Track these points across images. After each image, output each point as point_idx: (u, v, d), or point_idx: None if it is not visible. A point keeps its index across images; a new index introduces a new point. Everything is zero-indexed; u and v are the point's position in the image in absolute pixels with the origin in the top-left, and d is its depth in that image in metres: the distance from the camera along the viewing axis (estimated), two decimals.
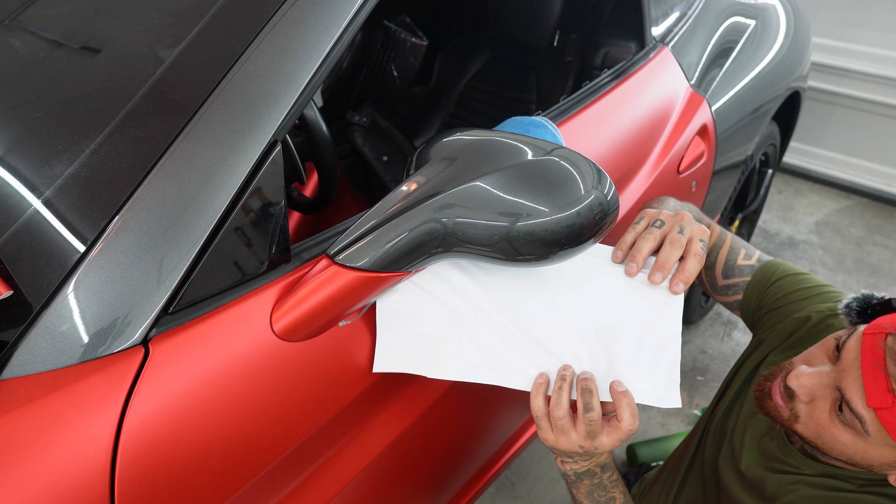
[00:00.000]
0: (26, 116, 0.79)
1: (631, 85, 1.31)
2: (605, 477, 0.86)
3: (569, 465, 0.85)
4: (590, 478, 0.85)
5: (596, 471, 0.85)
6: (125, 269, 0.63)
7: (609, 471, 0.86)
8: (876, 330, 0.70)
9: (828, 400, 0.74)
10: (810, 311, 0.94)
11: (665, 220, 0.83)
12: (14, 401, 0.57)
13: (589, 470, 0.85)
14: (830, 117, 2.94)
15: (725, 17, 1.67)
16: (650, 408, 1.94)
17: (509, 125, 0.93)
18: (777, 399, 0.80)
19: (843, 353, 0.73)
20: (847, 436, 0.73)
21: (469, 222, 0.67)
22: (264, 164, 0.69)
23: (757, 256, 1.05)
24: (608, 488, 0.86)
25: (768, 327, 1.00)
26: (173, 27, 0.80)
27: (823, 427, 0.75)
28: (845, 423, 0.72)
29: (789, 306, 0.98)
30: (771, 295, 1.00)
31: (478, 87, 1.89)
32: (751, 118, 1.70)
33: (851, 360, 0.71)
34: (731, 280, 1.05)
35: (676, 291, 0.79)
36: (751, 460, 0.91)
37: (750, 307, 1.04)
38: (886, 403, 0.66)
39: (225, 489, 0.68)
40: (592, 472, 0.85)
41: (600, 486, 0.86)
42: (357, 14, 0.77)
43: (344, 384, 0.79)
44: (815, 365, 0.77)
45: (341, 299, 0.70)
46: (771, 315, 1.00)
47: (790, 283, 0.99)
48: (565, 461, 0.84)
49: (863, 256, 2.59)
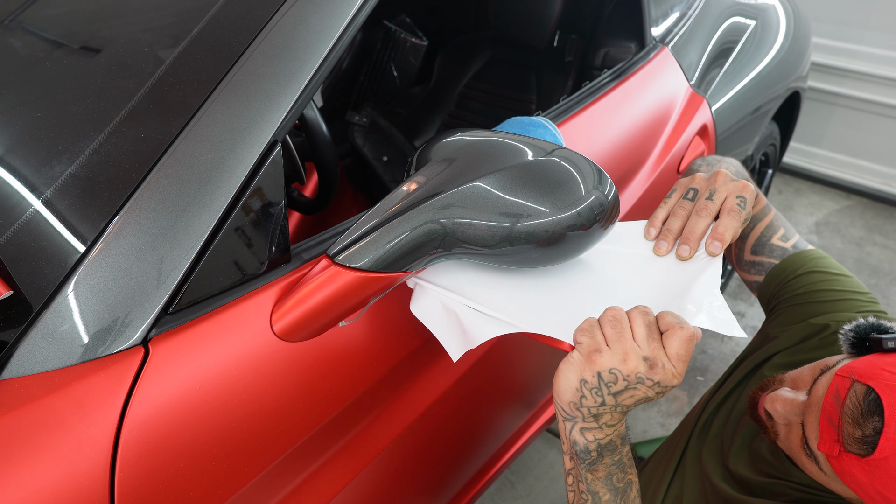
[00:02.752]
0: (26, 116, 0.79)
1: (631, 85, 1.31)
2: (625, 453, 0.73)
3: (591, 434, 0.69)
4: (611, 453, 0.71)
5: (617, 443, 0.71)
6: (125, 269, 0.63)
7: (627, 445, 0.74)
8: (845, 373, 0.68)
9: (800, 428, 0.73)
10: (829, 319, 0.88)
11: (698, 187, 0.80)
12: (14, 401, 0.57)
13: (611, 442, 0.70)
14: (830, 117, 2.94)
15: (725, 18, 1.67)
16: (650, 407, 1.94)
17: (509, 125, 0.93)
18: (762, 413, 0.79)
19: (814, 388, 0.71)
20: (812, 467, 0.72)
21: (469, 223, 0.67)
22: (264, 164, 0.69)
23: (794, 241, 0.97)
24: (626, 468, 0.73)
25: (781, 325, 0.94)
26: (173, 27, 0.80)
27: (795, 452, 0.75)
28: (808, 455, 0.72)
29: (808, 307, 0.91)
30: (791, 288, 0.94)
31: (478, 87, 1.89)
32: (751, 118, 1.70)
33: (818, 399, 0.70)
34: (759, 258, 0.98)
35: (713, 252, 0.75)
36: (739, 459, 0.90)
37: (767, 293, 0.98)
38: (833, 452, 0.65)
39: (225, 489, 0.68)
40: (614, 446, 0.71)
41: (620, 466, 0.72)
42: (357, 14, 0.77)
43: (344, 384, 0.79)
44: (799, 389, 0.76)
45: (341, 299, 0.70)
46: (786, 312, 0.94)
47: (817, 281, 0.92)
48: (586, 427, 0.68)
49: (863, 256, 2.59)
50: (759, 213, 0.98)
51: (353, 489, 0.85)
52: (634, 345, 0.63)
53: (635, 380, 0.63)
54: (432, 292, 0.77)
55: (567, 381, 0.65)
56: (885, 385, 0.63)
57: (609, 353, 0.63)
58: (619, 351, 0.63)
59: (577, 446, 0.69)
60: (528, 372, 1.24)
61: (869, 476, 0.62)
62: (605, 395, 0.64)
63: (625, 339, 0.63)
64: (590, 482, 0.72)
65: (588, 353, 0.64)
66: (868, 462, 0.62)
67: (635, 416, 1.92)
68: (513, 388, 1.23)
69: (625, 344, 0.63)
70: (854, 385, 0.65)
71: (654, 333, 0.64)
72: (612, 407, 0.66)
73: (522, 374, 1.23)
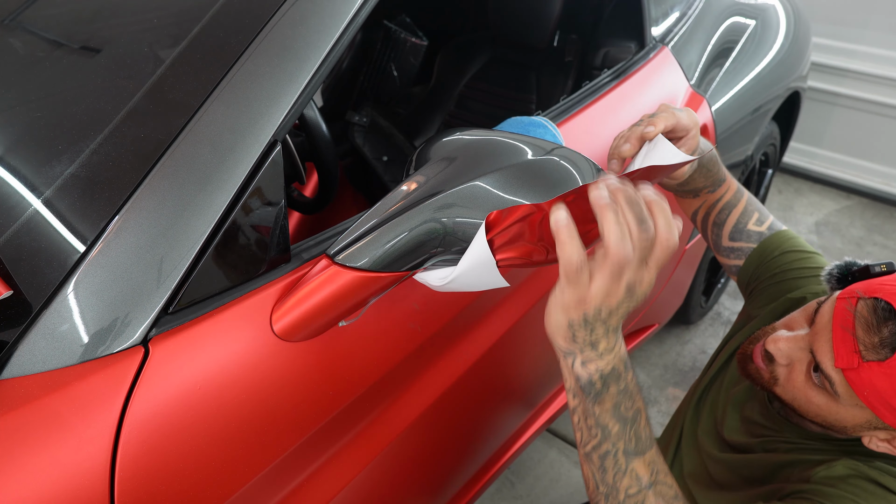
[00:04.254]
0: (26, 116, 0.79)
1: (631, 85, 1.31)
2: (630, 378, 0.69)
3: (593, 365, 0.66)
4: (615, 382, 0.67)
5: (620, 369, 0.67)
6: (125, 269, 0.63)
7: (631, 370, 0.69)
8: (848, 294, 0.72)
9: (804, 363, 0.76)
10: (806, 292, 0.94)
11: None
12: (14, 401, 0.57)
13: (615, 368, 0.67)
14: (830, 117, 2.94)
15: (725, 17, 1.67)
16: (650, 407, 1.94)
17: (509, 125, 0.93)
18: (758, 361, 0.82)
19: (818, 316, 0.75)
20: (820, 398, 0.75)
21: (469, 222, 0.67)
22: (264, 164, 0.69)
23: (769, 223, 1.02)
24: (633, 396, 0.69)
25: (760, 305, 0.99)
26: (173, 27, 0.80)
27: (799, 389, 0.77)
28: (818, 386, 0.74)
29: (786, 283, 0.97)
30: (769, 269, 0.99)
31: (478, 87, 1.89)
32: (751, 118, 1.70)
33: (824, 324, 0.73)
34: (737, 244, 1.03)
35: (647, 134, 0.77)
36: (733, 427, 0.93)
37: (746, 276, 1.03)
38: (853, 364, 0.68)
39: (225, 489, 0.68)
40: (618, 373, 0.67)
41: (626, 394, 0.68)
42: (357, 14, 0.77)
43: (344, 384, 0.79)
44: (794, 329, 0.79)
45: (341, 299, 0.70)
46: (765, 291, 0.99)
47: (792, 260, 0.97)
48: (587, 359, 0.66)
49: (863, 256, 2.59)
50: (731, 199, 1.02)
51: (353, 489, 0.85)
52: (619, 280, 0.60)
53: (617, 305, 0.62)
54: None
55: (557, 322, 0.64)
56: (891, 294, 0.68)
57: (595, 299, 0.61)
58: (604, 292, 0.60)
59: (580, 380, 0.67)
60: (528, 372, 1.24)
61: (890, 379, 0.66)
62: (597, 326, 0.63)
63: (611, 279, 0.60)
64: (598, 415, 0.68)
65: (576, 302, 0.62)
66: (888, 365, 0.66)
67: None
68: (513, 388, 1.23)
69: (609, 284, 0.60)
70: (861, 300, 0.70)
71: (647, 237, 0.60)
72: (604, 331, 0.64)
73: (522, 374, 1.23)
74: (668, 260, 0.61)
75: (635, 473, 0.69)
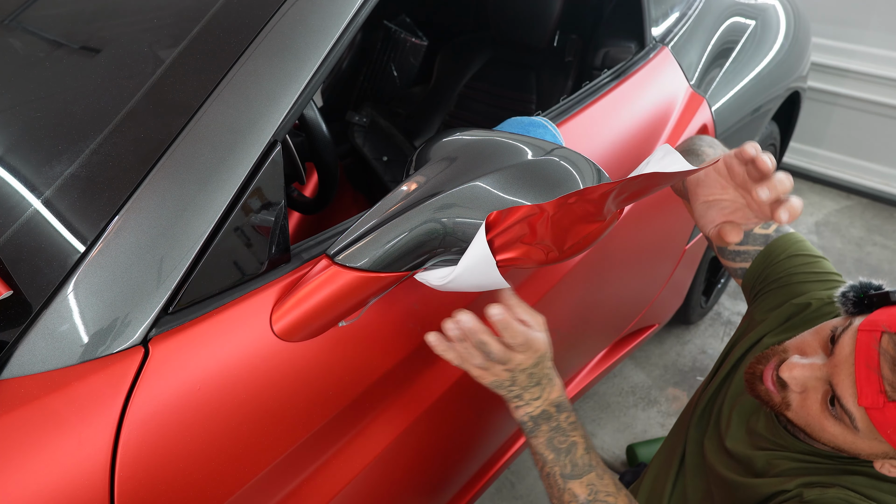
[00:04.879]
0: (26, 116, 0.79)
1: (631, 85, 1.31)
2: (563, 419, 0.81)
3: (522, 410, 0.80)
4: (546, 421, 0.80)
5: (551, 412, 0.80)
6: (125, 269, 0.63)
7: (566, 411, 0.81)
8: (871, 327, 0.70)
9: (819, 392, 0.74)
10: (811, 298, 0.92)
11: None
12: (14, 401, 0.57)
13: (544, 412, 0.80)
14: (830, 117, 2.94)
15: (725, 18, 1.67)
16: (650, 407, 1.94)
17: (509, 125, 0.93)
18: (769, 385, 0.80)
19: (837, 347, 0.73)
20: (836, 428, 0.73)
21: (469, 222, 0.67)
22: (264, 164, 0.69)
23: (776, 225, 1.00)
24: (567, 432, 0.81)
25: (765, 309, 0.98)
26: (173, 27, 0.80)
27: (813, 417, 0.76)
28: (835, 417, 0.73)
29: (790, 288, 0.95)
30: (774, 272, 0.97)
31: (478, 87, 1.89)
32: (751, 118, 1.70)
33: (845, 357, 0.71)
34: (743, 247, 1.01)
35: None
36: (737, 439, 0.91)
37: (752, 279, 1.01)
38: (878, 404, 0.67)
39: (225, 489, 0.68)
40: (548, 415, 0.80)
41: (559, 431, 0.81)
42: (357, 14, 0.77)
43: (344, 384, 0.79)
44: (808, 354, 0.77)
45: (341, 299, 0.70)
46: (770, 295, 0.97)
47: (798, 265, 0.96)
48: (517, 405, 0.80)
49: (863, 257, 2.59)
50: None
51: (353, 489, 0.85)
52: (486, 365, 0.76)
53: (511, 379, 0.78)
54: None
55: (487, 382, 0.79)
56: None
57: (485, 376, 0.77)
58: (494, 377, 0.77)
59: (517, 420, 0.82)
60: None
61: None
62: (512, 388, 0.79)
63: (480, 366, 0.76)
64: (535, 446, 0.83)
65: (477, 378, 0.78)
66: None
67: (635, 416, 1.92)
68: None
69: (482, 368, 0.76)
70: (885, 335, 0.68)
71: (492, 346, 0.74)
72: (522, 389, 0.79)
73: None
74: (527, 346, 0.74)
75: (573, 492, 0.82)
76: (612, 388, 2.01)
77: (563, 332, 1.28)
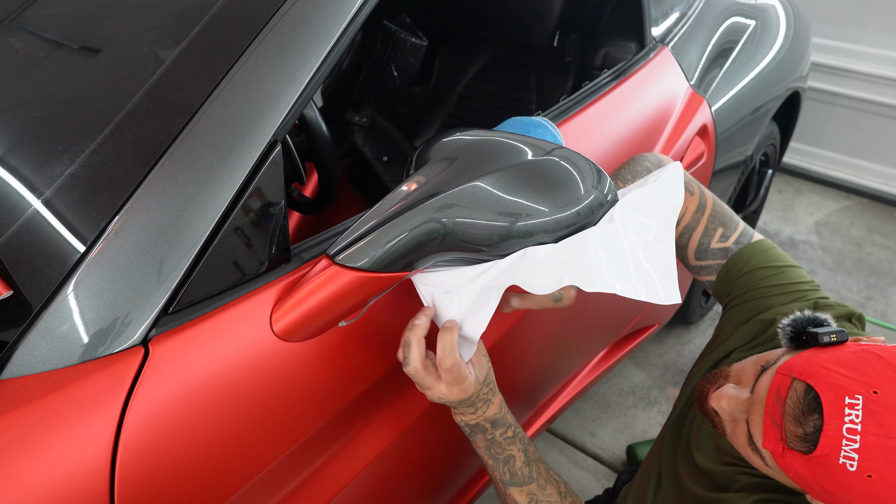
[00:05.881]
0: (26, 116, 0.79)
1: (631, 85, 1.31)
2: (498, 434, 0.84)
3: (458, 416, 0.83)
4: (482, 433, 0.84)
5: (486, 426, 0.83)
6: (125, 269, 0.63)
7: (502, 427, 0.83)
8: (784, 371, 0.68)
9: (745, 423, 0.74)
10: (776, 313, 0.89)
11: None
12: (14, 401, 0.57)
13: (478, 424, 0.83)
14: (830, 117, 2.94)
15: (725, 18, 1.67)
16: (651, 407, 1.94)
17: (509, 125, 0.93)
18: (710, 408, 0.80)
19: (757, 385, 0.72)
20: (759, 461, 0.73)
21: (469, 222, 0.67)
22: (264, 165, 0.69)
23: (736, 236, 0.98)
24: (504, 446, 0.84)
25: (734, 323, 0.96)
26: (173, 27, 0.80)
27: (741, 447, 0.75)
28: (754, 451, 0.73)
29: (755, 303, 0.93)
30: (737, 287, 0.96)
31: (478, 87, 1.89)
32: (751, 118, 1.70)
33: (760, 396, 0.70)
34: (703, 262, 1.00)
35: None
36: (706, 454, 0.91)
37: (719, 293, 1.01)
38: (777, 450, 0.66)
39: (225, 489, 0.68)
40: (483, 428, 0.83)
41: (494, 444, 0.84)
42: (357, 14, 0.77)
43: (344, 384, 0.79)
44: (743, 383, 0.76)
45: (341, 299, 0.70)
46: (737, 309, 0.96)
47: (761, 278, 0.93)
48: (454, 411, 0.83)
49: (863, 257, 2.59)
50: (690, 222, 0.99)
51: (352, 489, 0.85)
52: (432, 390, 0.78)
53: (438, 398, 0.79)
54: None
55: None
56: (823, 382, 0.64)
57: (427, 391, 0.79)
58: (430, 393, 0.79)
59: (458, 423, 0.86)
60: (527, 372, 1.24)
61: (812, 472, 0.64)
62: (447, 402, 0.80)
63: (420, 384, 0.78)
64: (477, 448, 0.87)
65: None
66: (810, 459, 0.63)
67: (635, 416, 1.92)
68: (513, 387, 1.23)
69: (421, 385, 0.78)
70: (794, 383, 0.66)
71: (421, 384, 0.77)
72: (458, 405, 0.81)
73: (522, 374, 1.23)
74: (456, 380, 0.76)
75: (513, 498, 0.87)
76: (612, 388, 2.01)
77: (563, 333, 1.28)
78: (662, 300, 0.69)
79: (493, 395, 0.83)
